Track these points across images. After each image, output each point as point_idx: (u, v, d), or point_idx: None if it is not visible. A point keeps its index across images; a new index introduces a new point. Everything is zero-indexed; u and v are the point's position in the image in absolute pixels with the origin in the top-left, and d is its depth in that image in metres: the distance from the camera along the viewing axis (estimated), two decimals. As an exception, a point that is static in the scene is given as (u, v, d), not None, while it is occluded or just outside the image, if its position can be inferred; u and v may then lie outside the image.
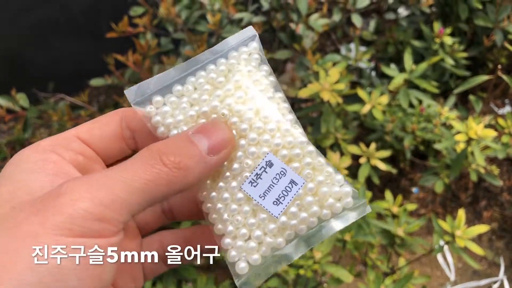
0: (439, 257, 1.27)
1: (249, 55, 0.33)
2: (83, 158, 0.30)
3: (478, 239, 1.32)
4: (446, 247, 0.98)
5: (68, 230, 0.23)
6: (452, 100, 1.23)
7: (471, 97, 1.17)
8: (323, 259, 0.84)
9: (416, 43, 1.32)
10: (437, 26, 1.28)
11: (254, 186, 0.30)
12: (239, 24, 1.13)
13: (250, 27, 0.33)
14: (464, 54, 1.30)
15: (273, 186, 0.30)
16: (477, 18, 1.32)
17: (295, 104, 1.45)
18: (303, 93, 1.04)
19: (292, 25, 1.10)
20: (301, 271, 0.83)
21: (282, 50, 1.18)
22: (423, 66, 1.16)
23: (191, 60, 0.32)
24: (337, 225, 0.30)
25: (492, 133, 1.02)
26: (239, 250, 0.30)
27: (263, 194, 0.30)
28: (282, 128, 0.30)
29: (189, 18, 1.13)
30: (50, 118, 1.21)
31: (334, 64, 1.13)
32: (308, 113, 1.16)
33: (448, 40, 1.27)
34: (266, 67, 0.33)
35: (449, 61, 1.27)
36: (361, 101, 1.16)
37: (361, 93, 1.13)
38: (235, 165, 0.30)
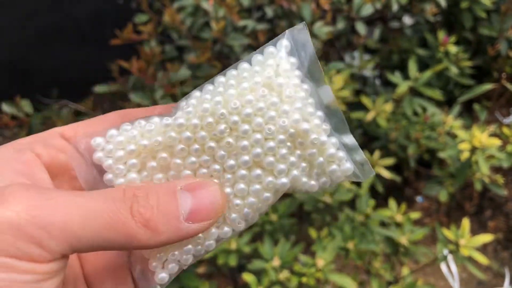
0: (443, 266, 1.26)
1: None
2: (65, 156, 0.26)
3: (483, 249, 1.30)
4: (450, 257, 0.97)
5: None
6: (456, 108, 1.22)
7: (476, 106, 1.16)
8: (326, 267, 0.83)
9: (421, 52, 1.31)
10: (441, 34, 1.27)
11: None
12: (243, 31, 1.13)
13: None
14: (469, 63, 1.30)
15: None
16: (481, 27, 1.32)
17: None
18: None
19: (296, 33, 1.10)
20: (304, 279, 0.82)
21: (286, 57, 1.18)
22: (428, 74, 1.16)
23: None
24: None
25: (496, 142, 1.01)
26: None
27: None
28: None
29: (193, 25, 1.13)
30: (54, 125, 1.21)
31: (338, 71, 1.12)
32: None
33: (453, 49, 1.26)
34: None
35: (454, 70, 1.27)
36: (365, 109, 1.15)
37: (365, 100, 1.13)
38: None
